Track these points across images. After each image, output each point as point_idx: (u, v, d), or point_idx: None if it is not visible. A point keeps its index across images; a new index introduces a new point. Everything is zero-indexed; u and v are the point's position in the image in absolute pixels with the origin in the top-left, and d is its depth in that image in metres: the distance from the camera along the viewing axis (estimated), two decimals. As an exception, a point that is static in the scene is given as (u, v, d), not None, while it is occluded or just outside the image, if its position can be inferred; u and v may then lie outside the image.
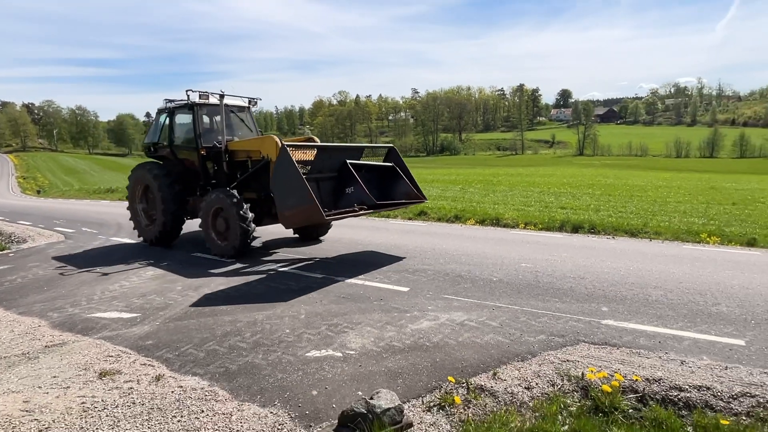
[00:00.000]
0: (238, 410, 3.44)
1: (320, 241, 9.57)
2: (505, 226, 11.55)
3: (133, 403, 3.56)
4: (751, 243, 9.07)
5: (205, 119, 9.37)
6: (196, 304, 5.84)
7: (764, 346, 4.22)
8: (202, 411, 3.43)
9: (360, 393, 3.60)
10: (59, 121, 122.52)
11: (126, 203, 10.42)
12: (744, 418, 3.17)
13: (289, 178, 6.80)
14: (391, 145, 9.09)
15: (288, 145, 7.08)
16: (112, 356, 4.43)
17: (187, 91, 8.68)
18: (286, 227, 7.63)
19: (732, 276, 6.44)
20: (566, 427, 3.13)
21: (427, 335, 4.64)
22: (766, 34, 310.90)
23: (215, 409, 3.46)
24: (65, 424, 3.30)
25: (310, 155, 7.92)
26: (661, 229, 10.40)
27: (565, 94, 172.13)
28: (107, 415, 3.40)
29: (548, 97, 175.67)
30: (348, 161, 8.00)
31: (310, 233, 9.70)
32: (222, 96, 8.73)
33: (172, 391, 3.72)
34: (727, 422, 3.06)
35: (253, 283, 6.74)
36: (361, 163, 8.39)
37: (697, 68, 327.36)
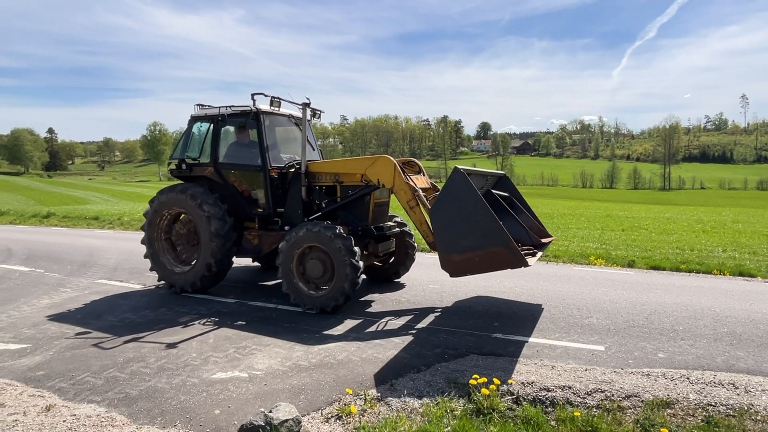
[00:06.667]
0: (136, 434, 3.43)
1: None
2: (422, 250, 12.15)
3: (19, 435, 3.42)
4: (631, 264, 10.35)
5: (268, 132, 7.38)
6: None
7: (619, 350, 4.97)
8: (96, 437, 3.38)
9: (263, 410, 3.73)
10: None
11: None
12: (594, 410, 3.75)
13: (467, 212, 5.22)
14: (503, 172, 7.90)
15: (465, 170, 5.47)
16: (-5, 389, 4.16)
17: (253, 95, 6.92)
18: (453, 275, 5.66)
19: (606, 292, 7.39)
20: (449, 428, 3.50)
21: (332, 353, 4.88)
22: (652, 83, 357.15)
23: (111, 434, 3.42)
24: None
25: (423, 182, 6.84)
26: (560, 252, 11.52)
27: (485, 127, 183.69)
28: (-13, 449, 3.24)
29: (470, 128, 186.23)
30: (493, 191, 6.69)
31: (387, 274, 8.08)
32: (307, 105, 7.02)
33: (64, 420, 3.61)
34: (579, 414, 3.61)
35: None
36: (500, 193, 6.98)
37: (599, 107, 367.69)
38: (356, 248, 6.13)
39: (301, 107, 7.03)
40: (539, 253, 6.30)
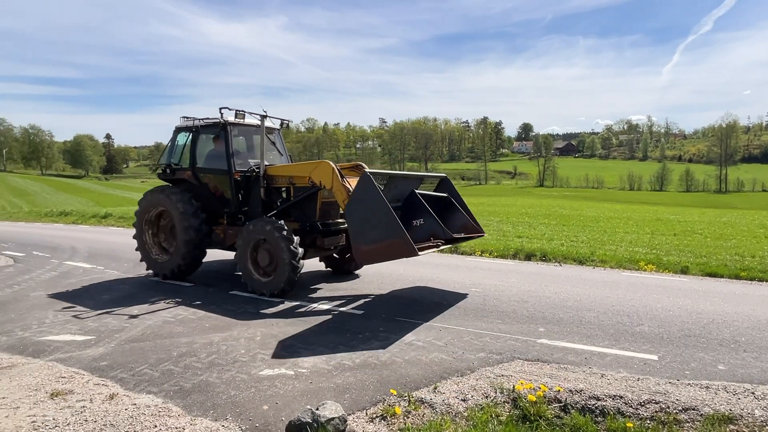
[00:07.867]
0: (191, 425, 3.59)
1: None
2: (462, 253, 12.05)
3: (86, 421, 3.66)
4: (684, 271, 9.85)
5: (236, 140, 8.58)
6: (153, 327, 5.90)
7: (673, 360, 4.75)
8: (155, 426, 3.57)
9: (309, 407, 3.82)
10: (10, 140, 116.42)
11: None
12: (648, 422, 3.60)
13: (372, 210, 6.18)
14: (444, 174, 8.66)
15: (370, 173, 6.48)
16: (64, 377, 4.47)
17: (221, 108, 8.03)
18: (362, 263, 6.75)
19: (658, 299, 7.07)
20: (495, 433, 3.46)
21: (376, 354, 4.92)
22: (706, 79, 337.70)
23: (168, 424, 3.60)
24: (16, 441, 3.36)
25: None
26: (607, 257, 11.11)
27: (526, 128, 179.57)
28: (59, 432, 3.48)
29: (511, 130, 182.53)
30: (416, 191, 7.49)
31: (346, 267, 9.02)
32: (264, 117, 8.03)
33: (126, 409, 3.83)
34: (632, 425, 3.48)
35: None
36: (424, 193, 7.78)
37: (648, 107, 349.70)
38: (299, 249, 7.08)
39: (260, 118, 8.01)
40: (443, 246, 7.18)
